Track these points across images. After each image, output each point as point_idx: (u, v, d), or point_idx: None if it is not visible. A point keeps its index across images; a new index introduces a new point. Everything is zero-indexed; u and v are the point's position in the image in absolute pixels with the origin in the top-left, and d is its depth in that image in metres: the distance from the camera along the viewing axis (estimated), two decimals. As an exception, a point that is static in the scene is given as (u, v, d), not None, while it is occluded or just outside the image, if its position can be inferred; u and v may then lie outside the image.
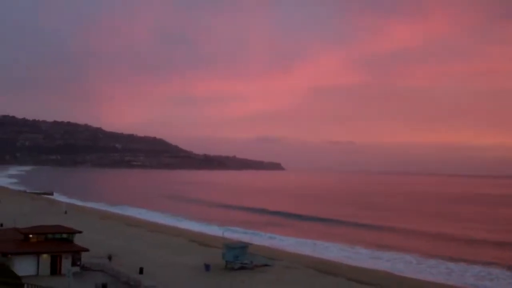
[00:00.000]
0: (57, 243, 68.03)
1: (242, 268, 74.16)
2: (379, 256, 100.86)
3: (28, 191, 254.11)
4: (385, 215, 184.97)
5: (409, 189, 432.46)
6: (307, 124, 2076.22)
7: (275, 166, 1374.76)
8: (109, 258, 74.28)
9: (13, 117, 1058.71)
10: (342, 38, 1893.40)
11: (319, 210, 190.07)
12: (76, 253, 66.46)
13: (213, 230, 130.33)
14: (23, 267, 61.73)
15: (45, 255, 64.26)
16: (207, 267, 73.39)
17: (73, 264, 65.00)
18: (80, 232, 73.48)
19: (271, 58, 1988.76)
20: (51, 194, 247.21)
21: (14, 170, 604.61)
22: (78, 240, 71.53)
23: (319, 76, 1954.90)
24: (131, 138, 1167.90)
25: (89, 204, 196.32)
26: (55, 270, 64.07)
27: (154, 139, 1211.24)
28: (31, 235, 68.84)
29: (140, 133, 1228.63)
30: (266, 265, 77.75)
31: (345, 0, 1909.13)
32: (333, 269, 79.82)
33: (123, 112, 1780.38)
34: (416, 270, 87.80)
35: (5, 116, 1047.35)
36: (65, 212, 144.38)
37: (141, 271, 67.67)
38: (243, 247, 77.37)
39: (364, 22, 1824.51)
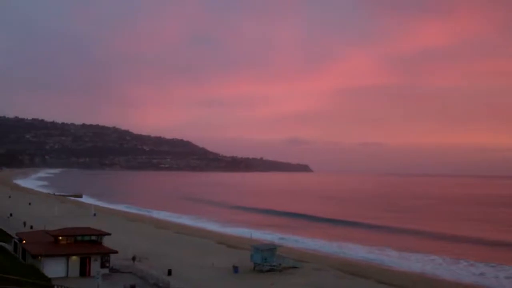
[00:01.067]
0: (86, 245, 68.27)
1: (270, 270, 73.63)
2: (408, 258, 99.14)
3: (57, 193, 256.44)
4: (413, 217, 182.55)
5: (439, 191, 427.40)
6: (336, 126, 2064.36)
7: (303, 168, 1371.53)
8: (133, 259, 74.34)
9: (42, 120, 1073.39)
10: (371, 39, 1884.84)
11: (345, 213, 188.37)
12: (105, 255, 66.58)
13: (241, 232, 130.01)
14: (53, 269, 61.98)
15: (74, 257, 64.48)
16: (235, 269, 73.03)
17: (102, 266, 65.13)
18: (108, 234, 73.64)
19: (300, 59, 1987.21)
20: (80, 196, 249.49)
21: (43, 172, 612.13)
22: (106, 242, 71.72)
23: (348, 77, 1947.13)
24: (158, 140, 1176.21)
25: (117, 207, 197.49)
26: (84, 272, 64.23)
27: (182, 141, 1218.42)
28: (60, 237, 69.17)
29: (168, 135, 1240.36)
30: (294, 267, 77.08)
31: (373, 1, 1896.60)
32: (362, 271, 78.79)
33: (151, 114, 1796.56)
34: (447, 271, 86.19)
35: (34, 120, 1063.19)
36: (94, 214, 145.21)
37: (169, 272, 67.57)
38: (272, 249, 76.80)
39: (393, 22, 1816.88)
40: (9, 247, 74.97)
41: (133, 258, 74.59)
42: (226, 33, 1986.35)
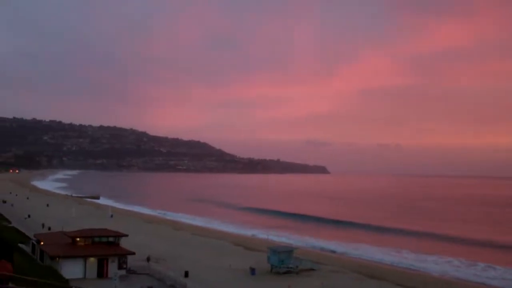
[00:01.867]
0: (104, 247, 68.42)
1: (287, 272, 73.32)
2: (425, 260, 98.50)
3: (74, 195, 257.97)
4: (430, 219, 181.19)
5: (457, 192, 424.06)
6: (353, 127, 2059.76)
7: (320, 170, 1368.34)
8: (148, 259, 74.42)
9: (60, 122, 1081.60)
10: (389, 39, 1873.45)
11: (362, 215, 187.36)
12: (122, 256, 66.69)
13: (258, 234, 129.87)
14: (71, 270, 62.18)
15: (92, 258, 64.65)
16: (252, 270, 72.80)
17: (119, 267, 65.25)
18: (126, 235, 73.77)
19: (318, 60, 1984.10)
20: (98, 198, 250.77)
21: (61, 174, 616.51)
22: (124, 243, 71.86)
23: (366, 78, 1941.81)
24: (175, 142, 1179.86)
25: (134, 208, 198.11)
26: (101, 273, 64.37)
27: (199, 143, 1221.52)
28: (78, 239, 69.40)
29: (185, 137, 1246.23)
30: (311, 269, 76.70)
31: (392, 1, 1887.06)
32: (380, 274, 78.23)
33: (168, 116, 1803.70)
34: (465, 274, 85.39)
35: (52, 121, 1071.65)
36: (111, 216, 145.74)
37: (186, 274, 67.51)
38: (289, 251, 76.46)
39: (412, 22, 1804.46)
40: (27, 248, 75.38)
41: (148, 259, 74.68)
42: (244, 34, 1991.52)
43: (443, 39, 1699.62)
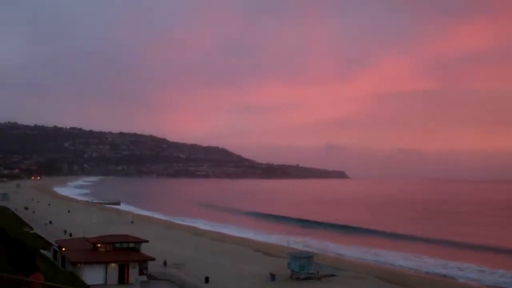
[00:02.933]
0: (125, 252, 68.83)
1: (308, 278, 73.15)
2: (447, 266, 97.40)
3: (95, 201, 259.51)
4: (450, 224, 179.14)
5: (478, 197, 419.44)
6: (372, 131, 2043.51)
7: (340, 175, 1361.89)
8: (164, 263, 74.63)
9: (81, 129, 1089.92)
10: (409, 43, 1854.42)
11: (381, 222, 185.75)
12: (143, 262, 67.00)
13: (277, 240, 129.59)
14: (92, 276, 62.62)
15: (113, 264, 65.05)
16: (272, 276, 72.71)
17: (140, 273, 65.56)
18: (146, 241, 74.13)
19: (335, 64, 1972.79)
20: (118, 204, 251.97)
21: (82, 180, 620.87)
22: (144, 249, 72.19)
23: (385, 82, 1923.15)
24: (194, 148, 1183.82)
25: (154, 214, 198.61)
26: (122, 279, 64.74)
27: (217, 148, 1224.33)
28: (99, 245, 69.89)
29: (204, 143, 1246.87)
30: (332, 275, 76.40)
31: (410, 2, 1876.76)
32: (402, 279, 77.65)
33: (186, 122, 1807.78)
34: (490, 279, 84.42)
35: (73, 128, 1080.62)
36: (132, 222, 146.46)
37: (206, 280, 67.61)
38: (309, 256, 76.30)
39: (431, 25, 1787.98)
40: (49, 254, 75.99)
41: (164, 263, 74.93)
42: (261, 39, 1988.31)
43: (463, 42, 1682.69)
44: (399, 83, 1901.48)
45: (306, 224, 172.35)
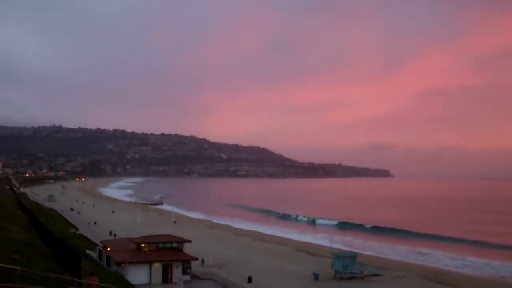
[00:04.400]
0: (168, 252, 69.19)
1: (352, 277, 72.42)
2: (492, 266, 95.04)
3: (138, 202, 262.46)
4: (503, 226, 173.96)
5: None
6: (417, 129, 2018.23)
7: (383, 173, 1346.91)
8: (202, 261, 74.73)
9: (123, 131, 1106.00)
10: (452, 37, 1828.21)
11: (427, 223, 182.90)
12: (186, 262, 67.26)
13: (319, 240, 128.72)
14: (136, 275, 63.10)
15: (156, 264, 65.44)
16: (316, 276, 72.24)
17: (184, 272, 65.80)
18: (189, 241, 74.41)
19: (378, 61, 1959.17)
20: (161, 204, 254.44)
21: (125, 181, 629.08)
22: (187, 249, 72.49)
23: (429, 78, 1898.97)
24: (235, 148, 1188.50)
25: (197, 214, 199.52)
26: (166, 278, 65.04)
27: (258, 148, 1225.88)
28: (143, 245, 70.41)
29: (244, 142, 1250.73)
30: (376, 274, 75.45)
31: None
32: (449, 279, 75.97)
33: (227, 122, 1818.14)
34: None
35: (116, 130, 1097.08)
36: (174, 222, 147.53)
37: (249, 280, 67.49)
38: (353, 256, 75.52)
39: (476, 18, 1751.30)
40: (94, 254, 76.95)
41: (202, 261, 75.08)
42: (302, 37, 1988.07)
43: (508, 36, 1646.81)
44: (444, 78, 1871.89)
45: (348, 225, 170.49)
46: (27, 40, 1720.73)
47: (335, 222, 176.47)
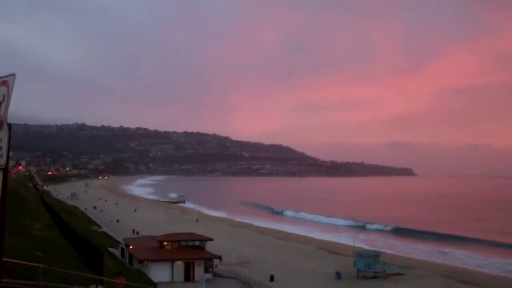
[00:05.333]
0: (190, 250, 69.36)
1: (374, 276, 71.98)
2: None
3: (161, 200, 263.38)
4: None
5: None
6: (441, 127, 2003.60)
7: (406, 172, 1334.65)
8: (220, 259, 74.89)
9: (146, 129, 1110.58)
10: (477, 34, 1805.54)
11: (448, 222, 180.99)
12: (209, 260, 67.35)
13: (341, 239, 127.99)
14: (159, 273, 63.34)
15: (179, 262, 65.63)
16: (338, 275, 71.92)
17: (206, 270, 65.91)
18: (211, 239, 74.53)
19: (401, 59, 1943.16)
20: (183, 202, 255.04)
21: (148, 179, 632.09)
22: (209, 247, 72.59)
23: (452, 76, 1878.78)
24: (258, 146, 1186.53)
25: (219, 212, 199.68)
26: (188, 276, 65.24)
27: (280, 146, 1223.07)
28: (165, 243, 70.70)
29: (266, 141, 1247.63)
30: (399, 273, 74.93)
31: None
32: (472, 279, 75.26)
33: (249, 120, 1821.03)
34: None
35: (138, 129, 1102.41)
36: (197, 220, 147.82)
37: (271, 278, 67.40)
38: (375, 255, 75.09)
39: (500, 16, 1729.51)
40: (117, 252, 77.39)
41: (220, 258, 75.23)
42: (323, 36, 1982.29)
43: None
44: (467, 77, 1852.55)
45: (371, 224, 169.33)
46: (53, 39, 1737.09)
47: (359, 224, 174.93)
